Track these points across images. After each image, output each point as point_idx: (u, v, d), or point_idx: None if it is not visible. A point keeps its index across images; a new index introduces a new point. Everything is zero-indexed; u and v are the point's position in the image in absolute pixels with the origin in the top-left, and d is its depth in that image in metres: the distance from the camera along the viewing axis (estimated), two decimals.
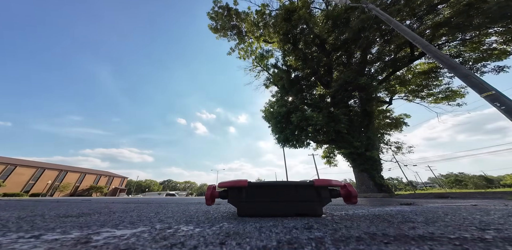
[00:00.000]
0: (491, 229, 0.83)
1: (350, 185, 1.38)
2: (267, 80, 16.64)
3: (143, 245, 0.60)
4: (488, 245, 0.60)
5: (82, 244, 0.62)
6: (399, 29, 5.51)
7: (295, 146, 11.87)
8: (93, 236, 0.75)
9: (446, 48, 10.86)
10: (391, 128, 14.37)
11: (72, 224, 1.07)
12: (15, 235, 0.78)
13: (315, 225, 0.95)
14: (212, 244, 0.61)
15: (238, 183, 1.32)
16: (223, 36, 17.29)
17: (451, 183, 63.25)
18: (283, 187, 1.35)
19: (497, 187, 50.36)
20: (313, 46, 12.70)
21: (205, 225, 1.00)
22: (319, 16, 13.80)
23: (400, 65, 11.63)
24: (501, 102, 3.28)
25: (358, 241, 0.64)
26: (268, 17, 15.08)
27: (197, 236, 0.74)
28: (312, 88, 13.54)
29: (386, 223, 1.02)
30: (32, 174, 37.80)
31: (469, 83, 3.78)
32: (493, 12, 7.48)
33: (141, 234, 0.78)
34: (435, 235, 0.72)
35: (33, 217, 1.39)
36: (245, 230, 0.83)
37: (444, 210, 1.69)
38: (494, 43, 9.57)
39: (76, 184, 45.28)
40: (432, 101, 13.12)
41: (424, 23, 9.93)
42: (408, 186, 65.81)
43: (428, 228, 0.85)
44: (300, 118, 10.25)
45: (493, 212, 1.54)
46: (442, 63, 4.40)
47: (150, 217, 1.36)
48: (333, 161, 14.38)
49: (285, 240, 0.65)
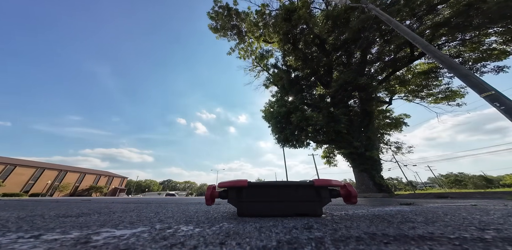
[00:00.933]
0: (491, 229, 0.83)
1: (350, 185, 1.38)
2: (267, 80, 16.64)
3: (143, 245, 0.60)
4: (488, 245, 0.60)
5: (82, 244, 0.62)
6: (399, 29, 5.52)
7: (295, 146, 11.88)
8: (93, 236, 0.75)
9: (446, 48, 10.87)
10: (391, 128, 14.37)
11: (72, 224, 1.07)
12: (14, 235, 0.78)
13: (315, 225, 0.95)
14: (212, 244, 0.61)
15: (238, 183, 1.32)
16: (223, 36, 17.29)
17: (451, 183, 63.31)
18: (283, 187, 1.35)
19: (497, 187, 50.39)
20: (313, 46, 12.71)
21: (205, 225, 1.00)
22: (319, 16, 13.81)
23: (400, 65, 11.64)
24: (501, 102, 3.28)
25: (358, 241, 0.64)
26: (268, 17, 15.08)
27: (197, 236, 0.74)
28: (312, 88, 13.54)
29: (386, 223, 1.02)
30: (31, 174, 37.75)
31: (468, 83, 3.78)
32: (493, 12, 7.49)
33: (141, 234, 0.78)
34: (435, 235, 0.72)
35: (32, 217, 1.39)
36: (245, 230, 0.83)
37: (443, 210, 1.69)
38: (494, 43, 9.58)
39: (76, 184, 45.24)
40: (432, 101, 13.13)
41: (424, 23, 9.93)
42: (407, 186, 65.82)
43: (428, 228, 0.86)
44: (300, 118, 10.25)
45: (492, 212, 1.54)
46: (442, 63, 4.40)
47: (150, 217, 1.36)
48: (333, 161, 14.39)
49: (285, 240, 0.65)
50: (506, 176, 49.73)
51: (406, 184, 75.94)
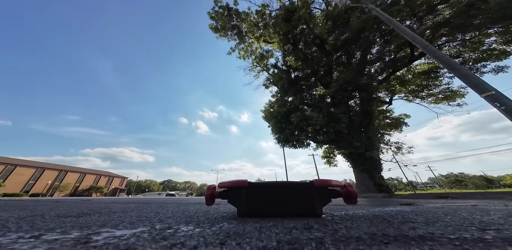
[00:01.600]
0: (491, 230, 0.83)
1: (350, 185, 1.38)
2: (267, 80, 16.62)
3: (143, 245, 0.60)
4: (488, 245, 0.60)
5: (82, 244, 0.62)
6: (399, 29, 5.52)
7: (295, 146, 11.88)
8: (93, 236, 0.75)
9: (446, 48, 10.87)
10: (391, 128, 14.37)
11: (72, 224, 1.07)
12: (15, 235, 0.78)
13: (315, 225, 0.94)
14: (212, 244, 0.61)
15: (238, 183, 1.32)
16: (223, 36, 17.31)
17: (451, 183, 63.31)
18: (283, 187, 1.34)
19: (497, 187, 50.38)
20: (313, 46, 12.70)
21: (205, 225, 1.00)
22: (319, 17, 13.81)
23: (400, 65, 11.63)
24: (501, 102, 3.28)
25: (358, 241, 0.64)
26: (268, 17, 15.10)
27: (197, 236, 0.74)
28: (312, 88, 13.54)
29: (386, 223, 1.02)
30: (32, 174, 37.81)
31: (469, 83, 3.78)
32: (494, 12, 7.49)
33: (141, 234, 0.78)
34: (435, 236, 0.72)
35: (33, 217, 1.39)
36: (245, 230, 0.83)
37: (444, 210, 1.69)
38: (494, 43, 9.58)
39: (76, 184, 45.29)
40: (432, 101, 13.12)
41: (424, 23, 9.93)
42: (408, 186, 65.81)
43: (428, 228, 0.85)
44: (300, 118, 10.25)
45: (493, 212, 1.54)
46: (442, 63, 4.40)
47: (150, 217, 1.36)
48: (333, 161, 14.39)
49: (285, 240, 0.65)
50: (507, 176, 49.73)
51: (407, 184, 75.92)
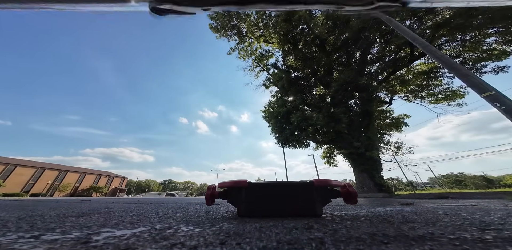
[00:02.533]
0: (491, 230, 0.83)
1: (350, 185, 1.38)
2: (267, 80, 16.63)
3: (143, 245, 0.60)
4: (488, 245, 0.60)
5: (82, 244, 0.62)
6: (399, 29, 5.51)
7: (295, 146, 11.88)
8: (93, 236, 0.75)
9: (446, 48, 10.87)
10: (391, 128, 14.37)
11: (72, 224, 1.07)
12: (15, 235, 0.78)
13: (315, 225, 0.94)
14: (212, 244, 0.61)
15: (238, 183, 1.32)
16: (223, 36, 17.31)
17: (451, 183, 63.33)
18: (283, 187, 1.34)
19: (497, 187, 50.37)
20: (313, 46, 12.71)
21: (205, 225, 1.00)
22: (319, 17, 13.81)
23: (400, 65, 11.64)
24: (501, 102, 3.28)
25: (358, 241, 0.64)
26: (268, 17, 15.09)
27: (197, 236, 0.74)
28: (312, 88, 13.54)
29: (386, 223, 1.02)
30: (32, 174, 37.80)
31: (469, 83, 3.78)
32: (494, 12, 7.49)
33: (141, 234, 0.78)
34: (435, 236, 0.72)
35: (33, 217, 1.39)
36: (245, 230, 0.83)
37: (444, 210, 1.69)
38: (494, 43, 9.58)
39: (76, 184, 45.28)
40: (432, 101, 13.13)
41: (424, 23, 9.94)
42: (408, 186, 65.77)
43: (428, 228, 0.85)
44: (300, 118, 10.25)
45: (493, 212, 1.54)
46: (442, 63, 4.39)
47: (150, 217, 1.36)
48: (333, 161, 14.39)
49: (285, 240, 0.65)
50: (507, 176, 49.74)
51: (407, 184, 75.91)
